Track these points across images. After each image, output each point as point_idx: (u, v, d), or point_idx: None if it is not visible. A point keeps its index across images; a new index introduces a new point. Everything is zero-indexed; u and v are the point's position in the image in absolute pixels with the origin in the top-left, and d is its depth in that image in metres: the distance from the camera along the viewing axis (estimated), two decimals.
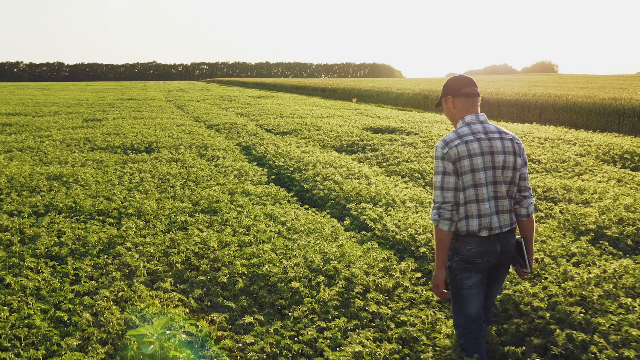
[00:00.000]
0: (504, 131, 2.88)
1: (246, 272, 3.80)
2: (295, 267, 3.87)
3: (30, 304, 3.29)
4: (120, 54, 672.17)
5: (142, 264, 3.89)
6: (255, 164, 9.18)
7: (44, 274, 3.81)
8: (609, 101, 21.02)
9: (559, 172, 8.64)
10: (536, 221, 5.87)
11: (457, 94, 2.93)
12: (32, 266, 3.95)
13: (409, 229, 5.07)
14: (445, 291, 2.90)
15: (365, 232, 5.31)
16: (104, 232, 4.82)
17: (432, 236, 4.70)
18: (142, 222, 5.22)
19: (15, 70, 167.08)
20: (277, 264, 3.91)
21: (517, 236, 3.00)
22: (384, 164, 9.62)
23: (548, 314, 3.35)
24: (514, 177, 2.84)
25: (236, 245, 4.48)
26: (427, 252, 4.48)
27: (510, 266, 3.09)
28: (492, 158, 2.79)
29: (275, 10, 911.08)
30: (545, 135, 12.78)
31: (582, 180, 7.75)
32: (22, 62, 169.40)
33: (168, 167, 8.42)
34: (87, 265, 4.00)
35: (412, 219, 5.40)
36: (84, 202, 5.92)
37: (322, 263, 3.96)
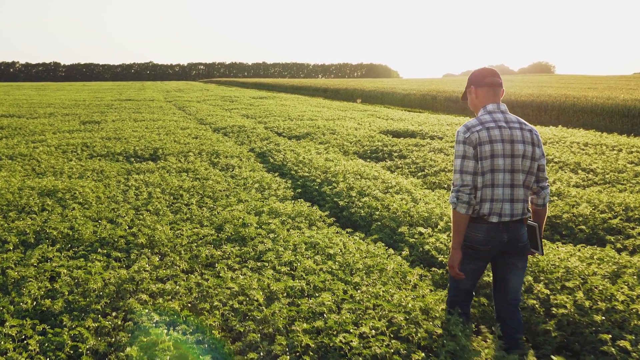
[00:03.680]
0: (523, 122, 2.95)
1: (312, 345, 2.73)
2: (376, 335, 2.81)
3: None
4: (117, 54, 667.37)
5: (164, 332, 2.82)
6: (276, 174, 8.11)
7: (31, 346, 2.74)
8: (632, 102, 20.01)
9: (622, 184, 7.61)
10: (631, 250, 4.87)
11: (480, 83, 3.00)
12: (14, 333, 2.88)
13: None
14: (461, 273, 2.99)
15: (435, 269, 4.26)
16: (110, 272, 3.76)
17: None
18: (156, 258, 4.15)
19: (11, 70, 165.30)
20: (352, 329, 2.85)
21: (531, 221, 3.02)
22: (420, 174, 8.57)
23: None
24: (532, 167, 2.90)
25: (285, 294, 3.42)
26: (536, 305, 3.42)
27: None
28: (511, 146, 2.85)
29: (272, 10, 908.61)
30: (583, 140, 11.76)
31: None
32: (18, 62, 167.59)
33: (179, 179, 7.34)
34: (89, 330, 2.93)
35: None
36: (83, 227, 4.85)
37: (412, 327, 2.90)
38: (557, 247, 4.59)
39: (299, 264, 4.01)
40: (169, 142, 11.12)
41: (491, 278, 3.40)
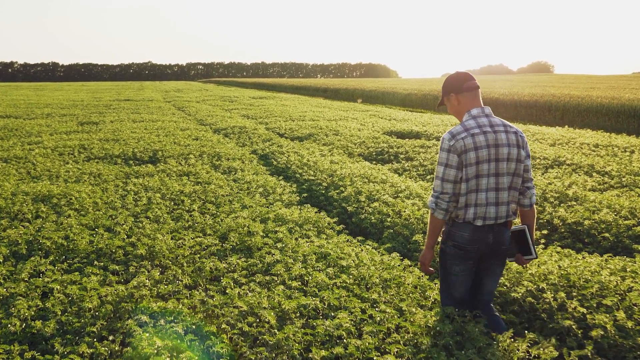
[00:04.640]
0: (508, 124, 2.95)
1: None
2: None
3: None
4: (116, 53, 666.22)
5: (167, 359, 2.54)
6: (281, 178, 7.82)
7: None
8: (638, 102, 19.72)
9: None
10: None
11: (459, 90, 2.99)
12: None
13: (523, 282, 3.73)
14: (431, 269, 3.08)
15: None
16: (107, 288, 3.47)
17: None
18: (157, 271, 3.86)
19: (10, 70, 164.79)
20: (375, 357, 2.57)
21: (519, 225, 3.02)
22: (429, 177, 8.29)
23: None
24: (517, 168, 2.90)
25: (297, 314, 3.13)
26: (573, 326, 3.14)
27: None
28: (496, 150, 2.85)
29: (270, 10, 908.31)
30: (593, 141, 11.48)
31: None
32: (16, 62, 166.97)
33: (180, 184, 7.05)
34: (83, 358, 2.64)
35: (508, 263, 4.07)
36: (79, 237, 4.55)
37: (443, 355, 2.61)
38: (584, 258, 4.31)
39: (310, 278, 3.73)
40: (168, 143, 10.83)
41: None
